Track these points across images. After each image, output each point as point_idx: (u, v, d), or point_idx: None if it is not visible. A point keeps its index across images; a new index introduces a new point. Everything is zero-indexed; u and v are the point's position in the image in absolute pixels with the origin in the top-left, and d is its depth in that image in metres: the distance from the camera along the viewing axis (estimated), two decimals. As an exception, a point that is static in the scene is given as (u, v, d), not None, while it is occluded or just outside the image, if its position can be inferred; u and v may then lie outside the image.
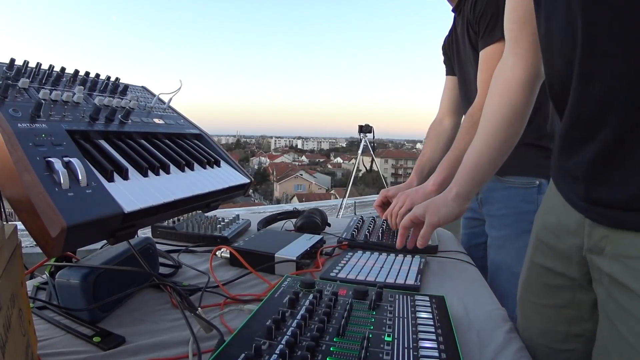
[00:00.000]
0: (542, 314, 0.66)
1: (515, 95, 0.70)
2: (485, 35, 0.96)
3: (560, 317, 0.63)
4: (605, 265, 0.52)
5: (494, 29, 0.93)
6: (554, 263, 0.62)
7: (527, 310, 0.70)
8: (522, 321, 0.71)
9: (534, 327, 0.68)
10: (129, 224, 0.46)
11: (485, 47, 0.96)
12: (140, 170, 0.54)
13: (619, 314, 0.50)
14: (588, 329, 0.59)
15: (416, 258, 0.87)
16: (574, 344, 0.62)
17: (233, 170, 0.73)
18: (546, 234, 0.64)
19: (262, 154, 57.22)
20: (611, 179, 0.49)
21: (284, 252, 0.84)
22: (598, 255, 0.53)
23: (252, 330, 0.49)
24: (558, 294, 0.63)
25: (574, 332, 0.62)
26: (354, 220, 1.17)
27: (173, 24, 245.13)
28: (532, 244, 0.68)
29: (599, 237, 0.52)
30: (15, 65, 0.58)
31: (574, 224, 0.57)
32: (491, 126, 0.74)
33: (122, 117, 0.61)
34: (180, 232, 1.04)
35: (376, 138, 4.80)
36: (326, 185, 38.02)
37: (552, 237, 0.62)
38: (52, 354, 0.53)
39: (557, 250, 0.61)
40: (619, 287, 0.50)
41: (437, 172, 0.98)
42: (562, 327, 0.63)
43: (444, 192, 0.81)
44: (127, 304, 0.68)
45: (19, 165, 0.40)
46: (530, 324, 0.69)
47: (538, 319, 0.67)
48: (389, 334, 0.51)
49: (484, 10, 0.95)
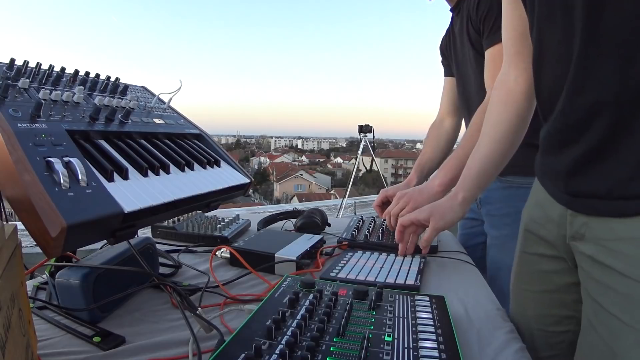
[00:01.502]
0: (536, 300, 0.71)
1: (521, 105, 0.75)
2: (492, 34, 0.95)
3: (554, 301, 0.68)
4: (586, 248, 0.57)
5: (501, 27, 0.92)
6: (545, 249, 0.67)
7: (521, 298, 0.75)
8: (516, 308, 0.76)
9: (528, 313, 0.72)
10: (129, 224, 0.46)
11: (492, 46, 0.95)
12: (140, 170, 0.54)
13: (600, 290, 0.55)
14: (579, 310, 0.62)
15: (416, 258, 0.87)
16: (568, 326, 0.67)
17: (233, 170, 0.73)
18: (534, 225, 0.69)
19: (262, 154, 57.22)
20: (592, 174, 0.54)
21: (284, 252, 0.84)
22: (579, 240, 0.58)
23: (252, 330, 0.49)
24: (550, 279, 0.68)
25: (566, 315, 0.67)
26: (354, 220, 1.17)
27: (173, 24, 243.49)
28: (522, 237, 0.73)
29: (580, 224, 0.58)
30: (15, 65, 0.58)
31: (557, 216, 0.62)
32: (498, 133, 0.77)
33: (122, 117, 0.61)
34: (180, 232, 1.04)
35: (376, 138, 4.80)
36: (326, 185, 38.02)
37: (540, 228, 0.67)
38: (52, 354, 0.53)
39: (546, 239, 0.67)
40: (599, 267, 0.55)
41: (442, 172, 0.97)
42: (555, 311, 0.68)
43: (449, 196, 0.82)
44: (127, 304, 0.68)
45: (19, 165, 0.40)
46: (524, 310, 0.73)
47: (532, 306, 0.72)
48: (389, 334, 0.51)
49: (489, 9, 0.94)
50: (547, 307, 0.70)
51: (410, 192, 0.96)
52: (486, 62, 0.97)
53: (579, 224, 0.58)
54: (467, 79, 1.12)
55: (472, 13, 0.99)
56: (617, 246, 0.52)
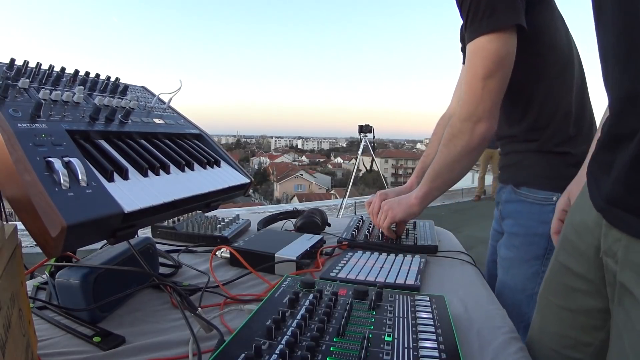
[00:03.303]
0: (557, 315, 0.65)
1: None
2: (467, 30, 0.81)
3: (574, 322, 0.62)
4: (618, 270, 0.50)
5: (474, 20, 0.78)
6: (576, 264, 0.61)
7: (545, 309, 0.69)
8: (539, 319, 0.70)
9: (548, 328, 0.67)
10: (129, 224, 0.46)
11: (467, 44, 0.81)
12: (140, 170, 0.54)
13: (626, 324, 0.48)
14: (598, 338, 0.58)
15: (416, 258, 0.87)
16: (582, 354, 0.61)
17: (233, 170, 0.73)
18: (571, 231, 0.62)
19: (262, 154, 57.22)
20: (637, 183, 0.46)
21: (284, 252, 0.84)
22: (612, 258, 0.51)
23: (252, 330, 0.49)
24: (574, 297, 0.61)
25: (584, 341, 0.60)
26: (354, 220, 1.17)
27: (173, 25, 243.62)
28: (559, 242, 0.67)
29: (613, 239, 0.50)
30: (15, 65, 0.58)
31: (592, 222, 0.55)
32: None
33: (122, 117, 0.61)
34: (180, 232, 1.04)
35: (376, 138, 4.80)
36: (326, 185, 38.01)
37: (575, 235, 0.61)
38: (52, 354, 0.53)
39: (579, 249, 0.60)
40: (629, 296, 0.48)
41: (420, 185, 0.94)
42: (573, 333, 0.62)
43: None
44: (127, 304, 0.68)
45: (19, 165, 0.40)
46: (546, 324, 0.68)
47: (552, 320, 0.66)
48: (389, 334, 0.51)
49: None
50: (565, 326, 0.63)
51: (390, 203, 0.98)
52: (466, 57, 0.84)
53: (613, 239, 0.50)
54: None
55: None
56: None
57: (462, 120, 0.83)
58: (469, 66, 0.81)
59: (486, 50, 0.77)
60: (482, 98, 0.80)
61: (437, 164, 0.90)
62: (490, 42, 0.77)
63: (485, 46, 0.77)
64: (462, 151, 0.85)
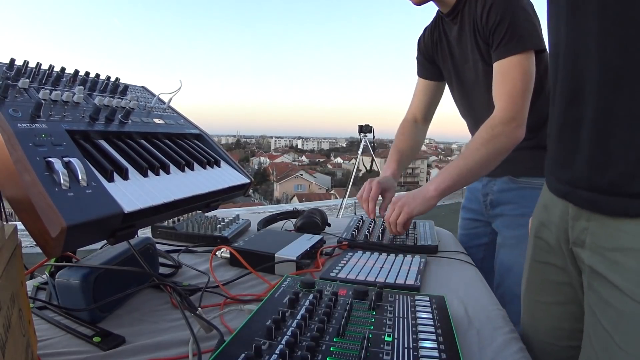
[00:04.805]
0: (547, 311, 0.68)
1: None
2: (502, 46, 0.92)
3: (565, 314, 0.65)
4: (586, 257, 0.54)
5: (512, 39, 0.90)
6: (555, 258, 0.64)
7: (532, 309, 0.71)
8: (528, 320, 0.72)
9: (540, 325, 0.69)
10: (129, 224, 0.46)
11: (502, 59, 0.93)
12: (140, 170, 0.54)
13: (599, 304, 0.52)
14: None
15: (416, 258, 0.87)
16: (579, 341, 0.62)
17: (233, 170, 0.73)
18: (541, 229, 0.67)
19: (262, 154, 57.20)
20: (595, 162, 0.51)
21: (284, 252, 0.84)
22: (581, 247, 0.56)
23: (252, 330, 0.49)
24: (560, 290, 0.64)
25: (578, 329, 0.62)
26: (354, 220, 1.17)
27: (173, 25, 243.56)
28: (531, 243, 0.70)
29: (580, 229, 0.55)
30: (15, 65, 0.58)
31: (557, 218, 0.60)
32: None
33: (122, 117, 0.61)
34: (180, 232, 1.04)
35: (376, 138, 4.80)
36: (326, 185, 38.00)
37: (546, 231, 0.65)
38: (52, 354, 0.53)
39: (551, 245, 0.64)
40: (599, 279, 0.52)
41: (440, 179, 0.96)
42: (567, 324, 0.65)
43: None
44: (127, 304, 0.68)
45: (19, 165, 0.40)
46: (536, 322, 0.70)
47: (543, 317, 0.68)
48: (389, 334, 0.51)
49: (500, 20, 0.91)
50: (558, 319, 0.66)
51: (405, 198, 0.98)
52: (495, 75, 0.95)
53: (580, 229, 0.55)
54: (472, 89, 1.08)
55: (480, 23, 0.95)
56: (616, 257, 0.49)
57: (504, 124, 0.92)
58: (507, 79, 0.93)
59: (524, 66, 0.91)
60: (523, 106, 0.92)
61: (472, 161, 0.94)
62: (527, 59, 0.91)
63: (522, 62, 0.91)
64: (502, 151, 0.94)
